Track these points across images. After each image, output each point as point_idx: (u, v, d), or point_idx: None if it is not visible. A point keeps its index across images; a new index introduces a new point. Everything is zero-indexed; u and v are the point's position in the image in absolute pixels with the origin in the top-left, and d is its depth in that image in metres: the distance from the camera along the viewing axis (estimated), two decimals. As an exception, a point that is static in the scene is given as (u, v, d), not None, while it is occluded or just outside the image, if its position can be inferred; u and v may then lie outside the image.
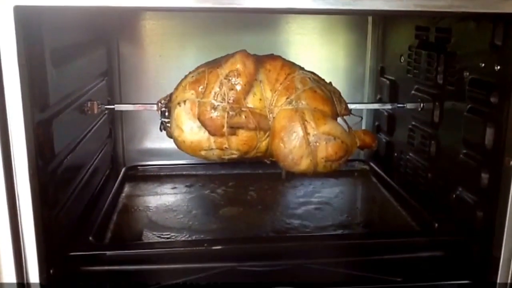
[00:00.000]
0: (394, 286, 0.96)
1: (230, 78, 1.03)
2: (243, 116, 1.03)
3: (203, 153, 1.06)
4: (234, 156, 1.06)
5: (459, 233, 1.03)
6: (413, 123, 1.29)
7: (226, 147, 1.04)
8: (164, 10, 1.26)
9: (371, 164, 1.52)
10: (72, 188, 1.07)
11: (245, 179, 1.44)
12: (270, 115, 1.05)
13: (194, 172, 1.48)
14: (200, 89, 1.04)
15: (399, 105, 1.27)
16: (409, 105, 1.26)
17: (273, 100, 1.05)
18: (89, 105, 1.15)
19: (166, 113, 1.10)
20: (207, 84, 1.04)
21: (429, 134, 1.20)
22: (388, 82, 1.45)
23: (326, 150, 1.03)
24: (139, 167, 1.49)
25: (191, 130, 1.04)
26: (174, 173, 1.48)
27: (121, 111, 1.50)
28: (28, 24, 0.78)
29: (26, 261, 0.82)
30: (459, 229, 1.03)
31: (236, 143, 1.04)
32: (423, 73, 1.22)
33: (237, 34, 1.45)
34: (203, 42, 1.45)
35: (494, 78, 0.92)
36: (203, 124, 1.03)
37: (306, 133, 1.03)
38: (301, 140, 1.03)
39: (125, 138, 1.55)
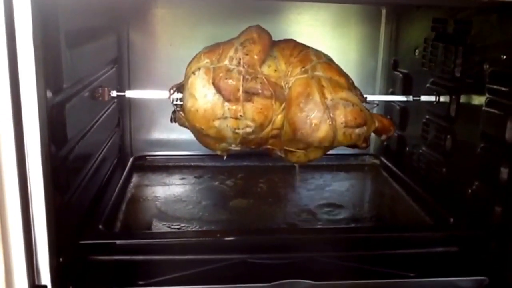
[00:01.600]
0: (407, 281, 0.95)
1: (246, 45, 1.02)
2: (259, 82, 1.00)
3: (216, 123, 1.01)
4: (248, 130, 1.02)
5: (475, 228, 1.01)
6: (427, 117, 1.28)
7: (241, 115, 1.00)
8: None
9: (382, 158, 1.51)
10: (81, 176, 1.05)
11: (255, 171, 1.43)
12: (286, 85, 1.02)
13: (202, 164, 1.47)
14: (214, 58, 1.02)
15: (414, 98, 1.25)
16: (424, 98, 1.24)
17: (288, 71, 1.03)
18: (100, 91, 1.13)
19: (178, 100, 1.08)
20: (222, 51, 1.02)
21: (445, 128, 1.19)
22: (401, 75, 1.44)
23: (345, 114, 0.99)
24: (147, 157, 1.48)
25: (205, 97, 1.00)
26: (182, 164, 1.47)
27: (130, 100, 1.49)
28: (44, 6, 0.76)
29: (36, 248, 0.80)
30: (475, 224, 1.02)
31: (252, 111, 1.00)
32: (439, 66, 1.20)
33: (248, 23, 1.42)
34: (214, 31, 1.42)
35: (516, 70, 0.91)
36: (218, 88, 1.00)
37: (324, 97, 0.99)
38: (319, 104, 0.99)
39: (133, 128, 1.53)
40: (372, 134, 1.12)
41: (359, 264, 0.98)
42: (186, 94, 1.04)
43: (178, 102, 1.07)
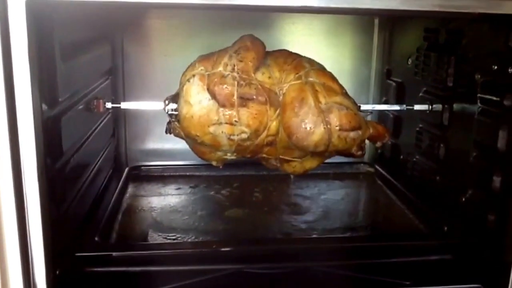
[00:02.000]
0: (402, 290, 0.95)
1: (240, 52, 1.03)
2: (253, 88, 1.01)
3: (211, 129, 1.01)
4: (244, 136, 1.02)
5: (469, 236, 1.02)
6: (421, 125, 1.29)
7: (236, 121, 1.00)
8: (172, 7, 1.24)
9: (376, 166, 1.52)
10: (77, 188, 1.05)
11: (250, 180, 1.44)
12: (280, 91, 1.02)
13: (198, 173, 1.47)
14: (209, 65, 1.03)
15: (408, 106, 1.26)
16: (417, 107, 1.25)
17: (282, 78, 1.03)
18: (95, 103, 1.14)
19: (173, 111, 1.08)
20: (216, 58, 1.03)
21: (438, 137, 1.20)
22: (394, 84, 1.45)
23: (339, 118, 1.00)
24: (142, 167, 1.49)
25: (199, 103, 1.01)
26: (177, 173, 1.47)
27: (125, 111, 1.49)
28: (39, 19, 0.76)
29: (32, 261, 0.80)
30: (469, 232, 1.02)
31: (247, 116, 1.00)
32: (432, 76, 1.22)
33: (242, 33, 1.44)
34: (209, 41, 1.42)
35: (507, 80, 0.91)
36: (212, 93, 1.00)
37: (318, 101, 1.00)
38: (313, 108, 0.99)
39: (128, 138, 1.53)
40: (367, 142, 1.13)
41: (355, 273, 0.98)
42: (181, 102, 1.04)
43: (173, 112, 1.08)
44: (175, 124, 1.10)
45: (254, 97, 1.00)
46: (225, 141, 1.03)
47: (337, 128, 1.00)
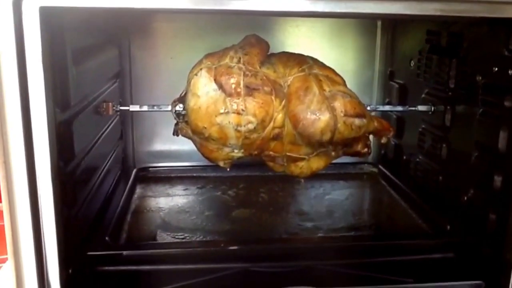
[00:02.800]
0: (406, 286, 0.97)
1: (245, 48, 1.05)
2: (259, 79, 1.03)
3: (219, 119, 1.03)
4: (250, 126, 1.03)
5: (471, 235, 1.04)
6: (423, 126, 1.31)
7: (243, 110, 1.02)
8: (178, 12, 1.26)
9: (380, 166, 1.54)
10: (88, 190, 1.07)
11: (256, 181, 1.45)
12: (285, 84, 1.04)
13: (204, 174, 1.49)
14: (216, 59, 1.05)
15: (410, 108, 1.28)
16: (420, 108, 1.26)
17: (286, 72, 1.06)
18: (104, 106, 1.16)
19: (180, 110, 1.10)
20: (222, 53, 1.06)
21: (440, 137, 1.22)
22: (397, 86, 1.46)
23: (343, 104, 1.01)
24: (150, 169, 1.51)
25: (207, 94, 1.03)
26: (185, 174, 1.49)
27: (132, 113, 1.51)
28: (52, 25, 0.79)
29: (46, 261, 0.83)
30: (471, 231, 1.04)
31: (253, 106, 1.02)
32: (434, 77, 1.23)
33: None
34: (214, 44, 1.42)
35: (508, 82, 0.93)
36: (219, 83, 1.02)
37: (322, 89, 1.02)
38: (318, 95, 1.01)
39: (136, 140, 1.55)
40: (372, 140, 1.14)
41: (359, 271, 1.00)
42: (188, 96, 1.06)
43: (181, 112, 1.10)
44: (182, 125, 1.12)
45: (260, 87, 1.02)
46: (232, 132, 1.04)
47: (342, 114, 1.01)
